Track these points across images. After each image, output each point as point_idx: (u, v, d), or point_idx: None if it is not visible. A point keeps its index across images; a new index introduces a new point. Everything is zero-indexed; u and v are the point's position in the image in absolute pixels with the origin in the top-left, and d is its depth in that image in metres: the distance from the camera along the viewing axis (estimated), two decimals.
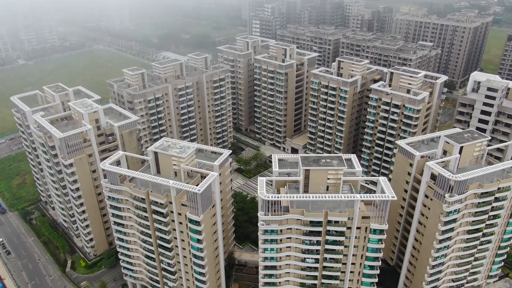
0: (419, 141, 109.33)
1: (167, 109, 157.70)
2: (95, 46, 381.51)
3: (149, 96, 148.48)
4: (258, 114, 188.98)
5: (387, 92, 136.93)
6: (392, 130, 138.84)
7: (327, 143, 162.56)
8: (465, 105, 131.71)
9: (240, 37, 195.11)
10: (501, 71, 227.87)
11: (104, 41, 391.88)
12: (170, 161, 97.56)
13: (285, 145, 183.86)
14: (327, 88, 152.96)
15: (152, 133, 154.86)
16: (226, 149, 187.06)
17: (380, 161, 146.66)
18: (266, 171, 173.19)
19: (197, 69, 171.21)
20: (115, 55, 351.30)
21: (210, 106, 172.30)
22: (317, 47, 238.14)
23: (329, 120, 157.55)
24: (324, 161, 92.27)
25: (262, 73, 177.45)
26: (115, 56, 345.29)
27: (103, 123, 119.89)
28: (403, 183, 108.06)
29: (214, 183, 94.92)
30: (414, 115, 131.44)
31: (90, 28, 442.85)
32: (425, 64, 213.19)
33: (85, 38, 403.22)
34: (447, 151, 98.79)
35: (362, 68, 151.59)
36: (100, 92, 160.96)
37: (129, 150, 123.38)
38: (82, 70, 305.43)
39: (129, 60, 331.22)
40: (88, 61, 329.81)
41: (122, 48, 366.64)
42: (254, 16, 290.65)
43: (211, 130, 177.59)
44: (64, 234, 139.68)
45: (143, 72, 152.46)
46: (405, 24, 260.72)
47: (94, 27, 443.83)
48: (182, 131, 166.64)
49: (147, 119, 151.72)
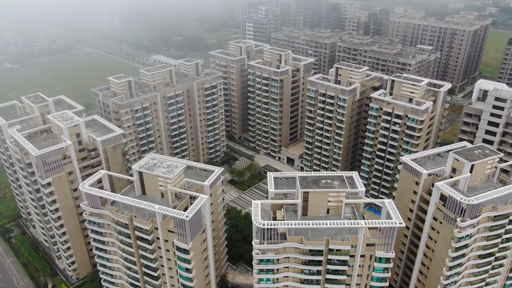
0: (424, 157, 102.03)
1: (156, 119, 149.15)
2: (84, 48, 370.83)
3: (136, 106, 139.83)
4: (252, 122, 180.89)
5: (388, 102, 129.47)
6: (393, 142, 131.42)
7: (324, 153, 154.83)
8: (471, 115, 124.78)
9: (233, 42, 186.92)
10: (501, 75, 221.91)
11: (94, 44, 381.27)
12: (156, 181, 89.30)
13: (280, 155, 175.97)
14: (324, 96, 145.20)
15: (140, 145, 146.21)
16: (219, 158, 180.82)
17: (381, 174, 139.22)
18: (261, 183, 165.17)
19: (188, 76, 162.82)
20: (105, 58, 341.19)
21: (201, 114, 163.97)
22: (313, 50, 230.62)
23: (326, 129, 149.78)
24: (324, 182, 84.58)
25: (256, 79, 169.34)
26: (104, 60, 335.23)
27: (85, 137, 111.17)
28: (408, 202, 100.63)
29: (204, 206, 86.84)
30: (418, 126, 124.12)
31: (79, 30, 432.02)
32: (424, 68, 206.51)
33: (74, 41, 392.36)
34: (457, 169, 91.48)
35: (361, 75, 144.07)
36: (87, 98, 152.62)
37: (114, 166, 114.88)
38: (69, 74, 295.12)
39: (119, 64, 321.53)
40: (76, 64, 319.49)
41: (112, 51, 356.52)
42: (247, 19, 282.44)
43: (203, 140, 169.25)
44: (45, 254, 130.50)
45: (130, 80, 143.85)
46: (403, 26, 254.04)
47: (84, 28, 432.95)
48: (172, 141, 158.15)
49: (135, 130, 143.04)
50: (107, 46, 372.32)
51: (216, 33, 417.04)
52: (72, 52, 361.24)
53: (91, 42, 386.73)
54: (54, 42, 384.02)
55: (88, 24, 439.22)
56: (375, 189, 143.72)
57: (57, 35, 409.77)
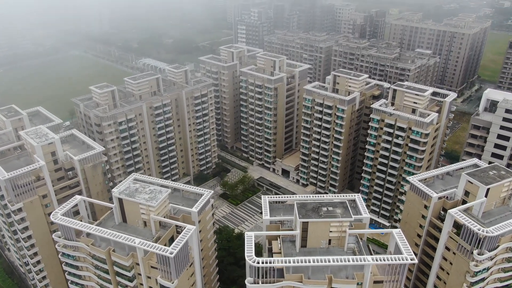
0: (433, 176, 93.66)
1: (142, 131, 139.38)
2: (72, 51, 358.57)
3: (120, 118, 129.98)
4: (245, 132, 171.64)
5: (390, 113, 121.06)
6: (396, 155, 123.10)
7: (322, 166, 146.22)
8: (479, 127, 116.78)
9: (225, 47, 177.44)
10: (502, 79, 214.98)
11: (82, 46, 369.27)
12: (138, 209, 79.75)
13: (275, 166, 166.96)
14: (322, 106, 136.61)
15: (125, 159, 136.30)
16: (210, 170, 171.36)
17: (383, 189, 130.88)
18: (255, 196, 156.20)
19: (176, 84, 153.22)
20: (92, 61, 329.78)
21: (191, 125, 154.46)
22: (308, 55, 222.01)
23: (324, 141, 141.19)
24: (325, 210, 75.52)
25: (249, 87, 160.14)
26: (92, 63, 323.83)
27: (61, 156, 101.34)
28: (416, 227, 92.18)
29: (192, 239, 77.46)
30: (422, 140, 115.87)
31: (68, 31, 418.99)
32: (423, 73, 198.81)
33: (61, 43, 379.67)
34: (470, 192, 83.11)
35: (361, 83, 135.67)
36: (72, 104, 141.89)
37: (94, 186, 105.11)
38: (54, 78, 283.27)
39: (107, 67, 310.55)
40: (63, 68, 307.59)
41: (100, 53, 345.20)
42: (239, 21, 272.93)
43: (193, 151, 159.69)
44: (21, 281, 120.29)
45: (113, 89, 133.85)
46: (400, 29, 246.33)
47: (72, 30, 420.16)
48: (160, 153, 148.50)
49: (119, 144, 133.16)
50: (95, 48, 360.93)
51: (208, 34, 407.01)
52: (59, 55, 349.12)
53: (79, 44, 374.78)
54: (40, 44, 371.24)
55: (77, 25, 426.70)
56: (376, 205, 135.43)
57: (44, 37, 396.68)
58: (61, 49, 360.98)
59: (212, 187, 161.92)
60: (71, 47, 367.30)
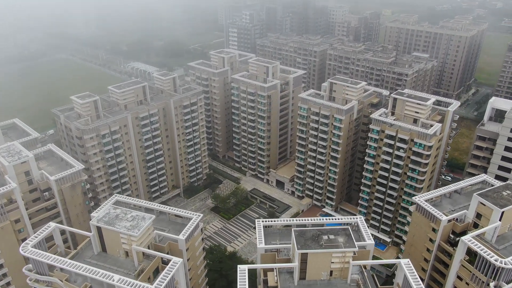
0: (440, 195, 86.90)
1: (127, 143, 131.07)
2: (58, 55, 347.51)
3: (103, 130, 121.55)
4: (237, 141, 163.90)
5: (391, 123, 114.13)
6: (397, 168, 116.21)
7: (318, 177, 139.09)
8: (484, 138, 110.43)
9: (215, 52, 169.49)
10: (500, 83, 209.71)
11: (68, 49, 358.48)
12: (119, 239, 71.80)
13: (269, 177, 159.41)
14: (318, 115, 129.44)
15: (110, 173, 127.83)
16: (201, 181, 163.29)
17: (383, 203, 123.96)
18: (248, 210, 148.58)
19: (164, 92, 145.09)
20: (79, 65, 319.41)
21: (180, 135, 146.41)
22: (301, 58, 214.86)
23: (320, 152, 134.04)
24: (326, 239, 68.33)
25: (240, 95, 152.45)
26: (79, 67, 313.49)
27: (36, 175, 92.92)
28: (422, 250, 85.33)
29: (178, 272, 69.61)
30: (425, 152, 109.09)
31: (54, 34, 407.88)
32: (421, 78, 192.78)
33: (47, 46, 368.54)
34: (482, 215, 76.43)
35: (359, 91, 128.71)
36: None
37: (73, 207, 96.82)
38: (38, 84, 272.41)
39: (94, 72, 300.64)
40: (48, 73, 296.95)
41: (87, 57, 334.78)
42: (231, 24, 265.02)
43: (182, 163, 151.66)
44: None
45: (96, 99, 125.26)
46: (395, 32, 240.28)
47: (59, 33, 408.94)
48: (147, 166, 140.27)
49: (102, 157, 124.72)
50: (82, 51, 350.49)
51: (199, 37, 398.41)
52: (45, 58, 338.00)
53: (66, 47, 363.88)
54: (25, 48, 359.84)
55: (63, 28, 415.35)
56: (376, 219, 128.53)
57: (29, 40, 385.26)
58: (47, 53, 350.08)
59: (203, 200, 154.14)
60: (57, 51, 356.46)
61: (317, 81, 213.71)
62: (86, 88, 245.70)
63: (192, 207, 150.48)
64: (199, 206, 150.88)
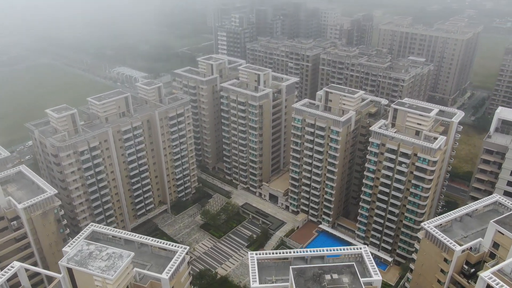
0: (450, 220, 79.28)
1: (109, 159, 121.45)
2: (41, 59, 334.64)
3: (81, 147, 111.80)
4: (228, 153, 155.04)
5: (392, 137, 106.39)
6: (399, 184, 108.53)
7: (314, 192, 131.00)
8: (492, 152, 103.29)
9: (203, 58, 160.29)
10: (498, 87, 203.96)
11: (52, 54, 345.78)
12: (92, 281, 62.71)
13: (261, 190, 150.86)
14: (313, 127, 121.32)
15: (89, 193, 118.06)
16: (189, 196, 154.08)
17: (384, 220, 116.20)
18: (240, 226, 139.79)
19: (149, 102, 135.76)
20: (62, 71, 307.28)
21: (166, 148, 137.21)
22: (293, 63, 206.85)
23: (316, 165, 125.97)
24: (329, 279, 60.42)
25: (230, 104, 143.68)
26: (62, 73, 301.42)
27: (2, 202, 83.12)
28: (433, 281, 77.58)
29: None
30: (430, 168, 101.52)
31: (35, 38, 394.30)
32: (418, 83, 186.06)
33: (28, 51, 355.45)
34: (500, 244, 68.90)
35: (356, 101, 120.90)
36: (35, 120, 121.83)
37: (45, 237, 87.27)
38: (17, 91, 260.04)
39: (78, 77, 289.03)
40: (28, 79, 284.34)
41: (71, 62, 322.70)
42: (219, 27, 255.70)
43: (169, 177, 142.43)
44: None
45: (74, 113, 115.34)
46: (389, 35, 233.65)
47: (42, 36, 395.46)
48: (131, 182, 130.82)
49: (81, 176, 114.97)
50: (65, 56, 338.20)
51: (187, 40, 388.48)
52: (26, 63, 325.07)
53: (48, 52, 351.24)
54: (4, 52, 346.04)
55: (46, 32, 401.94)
56: (376, 237, 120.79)
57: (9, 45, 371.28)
58: (28, 58, 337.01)
59: (191, 216, 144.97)
60: (39, 55, 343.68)
61: (310, 87, 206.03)
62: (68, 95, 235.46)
63: (180, 224, 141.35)
64: (187, 223, 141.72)
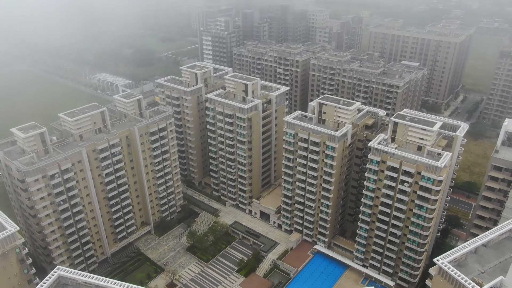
0: (465, 254, 70.86)
1: (83, 181, 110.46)
2: (17, 66, 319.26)
3: (52, 170, 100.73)
4: (215, 168, 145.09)
5: (393, 153, 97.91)
6: (401, 204, 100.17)
7: (308, 211, 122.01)
8: (500, 169, 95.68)
9: (186, 67, 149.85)
10: (493, 91, 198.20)
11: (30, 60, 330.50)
12: None
13: (251, 207, 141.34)
14: (307, 142, 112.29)
15: (62, 219, 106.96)
16: (174, 215, 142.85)
17: (384, 242, 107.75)
18: (230, 248, 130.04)
19: (128, 116, 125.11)
20: (40, 78, 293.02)
21: (148, 165, 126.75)
22: (282, 69, 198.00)
23: (310, 183, 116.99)
24: None
25: (217, 116, 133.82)
26: (40, 80, 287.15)
27: None
28: None
29: None
30: (435, 187, 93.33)
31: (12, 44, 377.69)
32: (412, 89, 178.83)
33: (4, 56, 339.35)
34: None
35: (353, 113, 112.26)
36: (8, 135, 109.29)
37: (6, 280, 76.14)
38: None
39: (56, 85, 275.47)
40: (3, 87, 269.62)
41: (50, 68, 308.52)
42: (204, 31, 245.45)
43: (152, 196, 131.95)
44: None
45: (43, 131, 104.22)
46: (380, 38, 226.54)
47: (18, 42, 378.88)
48: (110, 204, 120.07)
49: (52, 202, 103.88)
50: (44, 62, 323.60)
51: (171, 43, 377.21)
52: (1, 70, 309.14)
53: (26, 58, 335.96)
54: None
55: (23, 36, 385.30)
56: (376, 259, 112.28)
57: None
58: (4, 64, 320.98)
59: (177, 238, 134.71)
60: (15, 61, 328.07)
61: (300, 93, 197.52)
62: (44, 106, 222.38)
63: (165, 247, 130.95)
64: (172, 246, 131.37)
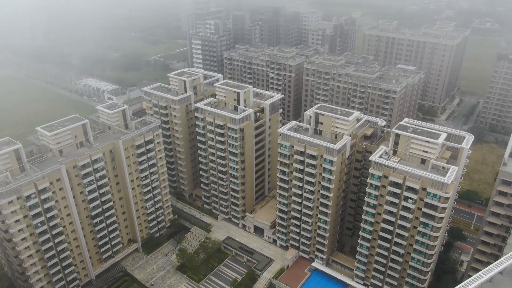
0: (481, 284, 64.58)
1: (63, 201, 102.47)
2: None
3: (27, 190, 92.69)
4: (206, 180, 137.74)
5: (396, 168, 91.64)
6: (405, 222, 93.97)
7: (305, 226, 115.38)
8: (510, 183, 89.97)
9: (174, 74, 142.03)
10: (490, 94, 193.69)
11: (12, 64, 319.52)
12: None
13: (245, 222, 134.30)
14: (303, 155, 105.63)
15: (41, 242, 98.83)
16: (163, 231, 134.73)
17: (387, 260, 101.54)
18: (222, 266, 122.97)
19: (112, 128, 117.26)
20: (23, 83, 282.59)
21: (134, 180, 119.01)
22: (275, 73, 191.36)
23: (307, 198, 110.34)
24: None
25: (207, 127, 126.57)
26: (22, 85, 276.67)
27: None
28: None
29: None
30: (441, 205, 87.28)
31: None
32: (409, 94, 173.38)
33: None
34: None
35: (352, 124, 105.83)
36: None
37: None
38: None
39: (39, 90, 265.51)
40: None
41: (33, 72, 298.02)
42: (194, 35, 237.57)
43: (139, 212, 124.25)
44: None
45: (18, 148, 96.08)
46: (374, 40, 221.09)
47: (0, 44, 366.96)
48: (94, 223, 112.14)
49: (29, 224, 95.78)
50: (27, 66, 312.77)
51: (160, 46, 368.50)
52: None
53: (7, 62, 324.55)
54: None
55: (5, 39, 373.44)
56: (377, 278, 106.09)
57: None
58: None
59: (166, 255, 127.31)
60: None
61: (294, 99, 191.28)
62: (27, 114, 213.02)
63: (154, 266, 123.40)
64: (161, 264, 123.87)
